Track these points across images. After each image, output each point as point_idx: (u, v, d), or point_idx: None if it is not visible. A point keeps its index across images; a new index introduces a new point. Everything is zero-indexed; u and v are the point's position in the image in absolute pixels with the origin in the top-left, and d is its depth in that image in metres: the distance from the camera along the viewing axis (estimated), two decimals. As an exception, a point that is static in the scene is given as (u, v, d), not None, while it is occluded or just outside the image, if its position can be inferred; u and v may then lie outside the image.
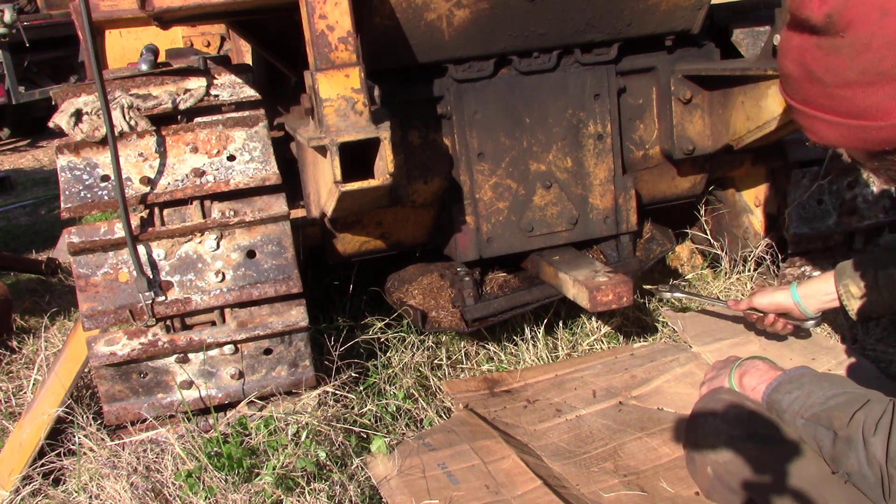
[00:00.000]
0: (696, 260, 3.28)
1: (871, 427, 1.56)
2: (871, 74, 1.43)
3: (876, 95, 1.44)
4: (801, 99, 1.56)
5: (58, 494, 2.15)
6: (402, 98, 2.42)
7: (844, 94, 1.47)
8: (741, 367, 2.00)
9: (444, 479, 2.08)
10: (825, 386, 1.73)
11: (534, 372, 2.64)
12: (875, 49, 1.40)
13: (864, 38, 1.41)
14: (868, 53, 1.41)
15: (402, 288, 2.69)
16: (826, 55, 1.46)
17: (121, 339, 2.14)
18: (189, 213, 2.18)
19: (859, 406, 1.61)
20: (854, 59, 1.43)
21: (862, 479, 1.58)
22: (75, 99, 2.15)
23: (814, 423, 1.68)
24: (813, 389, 1.74)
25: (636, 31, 2.50)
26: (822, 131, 1.55)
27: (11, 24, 7.61)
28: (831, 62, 1.46)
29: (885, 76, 1.42)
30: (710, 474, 1.86)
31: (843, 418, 1.61)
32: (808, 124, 1.58)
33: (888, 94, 1.43)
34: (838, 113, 1.50)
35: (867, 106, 1.46)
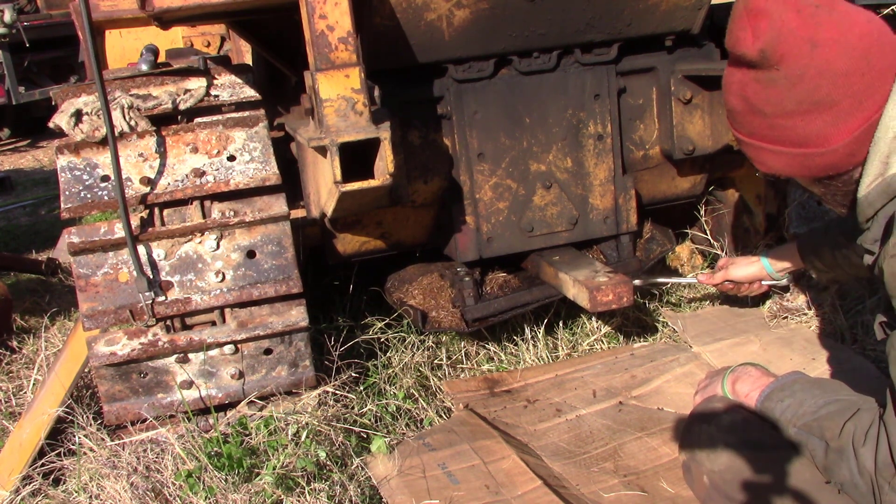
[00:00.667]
0: (696, 260, 3.28)
1: (861, 438, 1.56)
2: (807, 104, 1.51)
3: (814, 123, 1.52)
4: (747, 132, 1.63)
5: (58, 494, 2.15)
6: (402, 98, 2.42)
7: (785, 123, 1.54)
8: (733, 374, 1.99)
9: (444, 479, 2.08)
10: (817, 393, 1.72)
11: (534, 372, 2.64)
12: (809, 79, 1.49)
13: (797, 69, 1.49)
14: (803, 84, 1.50)
15: (402, 288, 2.69)
16: (764, 88, 1.54)
17: (121, 339, 2.14)
18: (189, 214, 2.18)
19: (849, 416, 1.60)
20: (790, 90, 1.51)
21: (854, 489, 1.58)
22: (75, 99, 2.16)
23: (806, 432, 1.68)
24: (805, 398, 1.73)
25: (636, 31, 2.50)
26: (769, 161, 1.63)
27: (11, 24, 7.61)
28: (770, 94, 1.54)
29: (821, 104, 1.50)
30: (707, 483, 1.86)
31: (833, 429, 1.61)
32: (755, 155, 1.65)
33: (826, 121, 1.51)
34: (781, 142, 1.57)
35: (807, 134, 1.53)
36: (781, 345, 2.62)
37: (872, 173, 1.51)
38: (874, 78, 1.48)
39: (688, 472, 1.97)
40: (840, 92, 1.48)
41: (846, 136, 1.51)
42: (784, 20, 1.49)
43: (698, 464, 1.89)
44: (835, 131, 1.51)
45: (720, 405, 1.95)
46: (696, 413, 2.02)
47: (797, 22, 1.49)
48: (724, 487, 1.82)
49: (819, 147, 1.53)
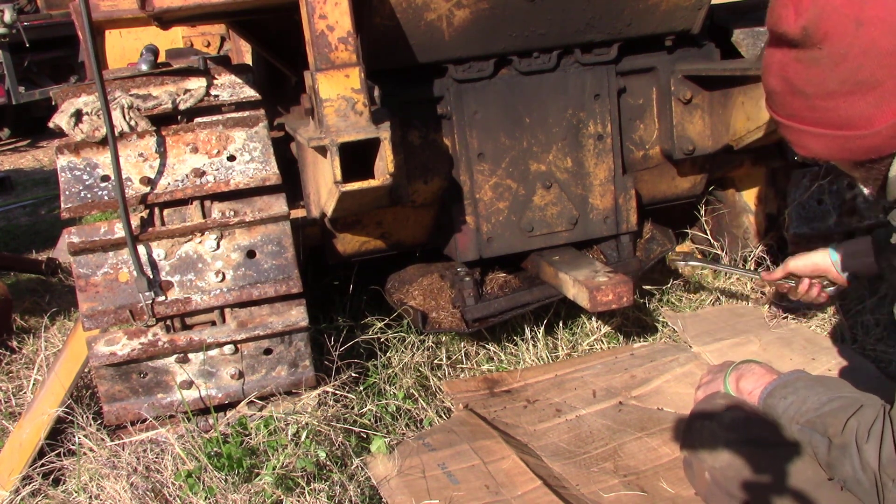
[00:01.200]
0: (696, 260, 3.28)
1: (864, 434, 1.55)
2: (850, 84, 1.45)
3: (857, 105, 1.47)
4: (787, 114, 1.58)
5: (58, 494, 2.15)
6: (402, 98, 2.42)
7: (826, 105, 1.49)
8: (737, 371, 1.99)
9: (444, 479, 2.08)
10: (820, 391, 1.72)
11: (534, 372, 2.64)
12: (852, 59, 1.44)
13: (841, 48, 1.44)
14: (846, 63, 1.44)
15: (402, 288, 2.69)
16: (806, 68, 1.49)
17: (121, 339, 2.14)
18: (189, 213, 2.18)
19: (852, 412, 1.60)
20: (833, 69, 1.46)
21: (857, 486, 1.58)
22: (75, 99, 2.16)
23: (809, 429, 1.67)
24: (808, 395, 1.73)
25: (636, 32, 2.50)
26: (809, 144, 1.58)
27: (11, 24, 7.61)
28: (811, 74, 1.49)
29: (865, 85, 1.45)
30: (709, 479, 1.86)
31: (836, 425, 1.61)
32: (795, 138, 1.60)
33: (869, 102, 1.46)
34: (822, 124, 1.52)
35: (850, 115, 1.48)
36: (781, 345, 2.62)
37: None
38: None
39: (689, 469, 1.97)
40: (885, 72, 1.43)
41: (890, 117, 1.45)
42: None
43: (700, 460, 1.89)
44: (878, 113, 1.46)
45: (722, 402, 1.95)
46: (697, 410, 2.01)
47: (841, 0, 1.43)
48: (725, 484, 1.82)
49: (862, 129, 1.48)
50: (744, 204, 3.08)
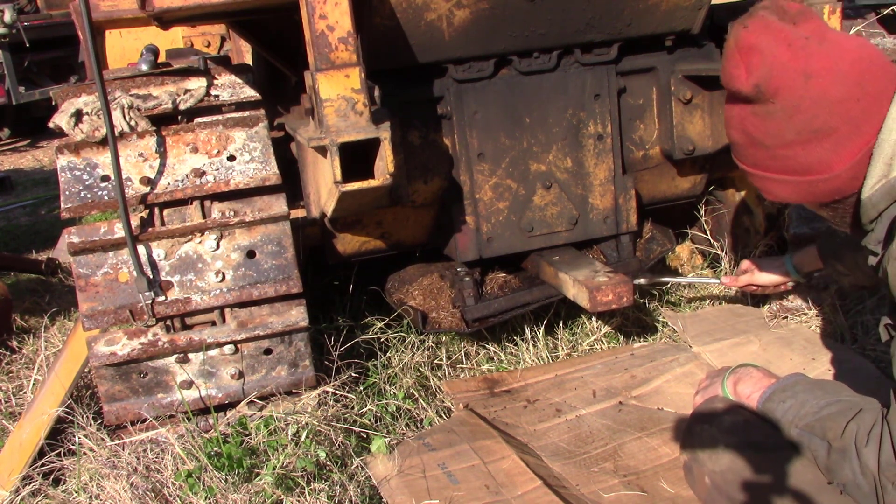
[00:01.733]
0: (696, 260, 3.29)
1: (864, 438, 1.56)
2: (806, 133, 1.54)
3: (815, 151, 1.55)
4: (751, 163, 1.67)
5: (58, 494, 2.15)
6: (402, 98, 2.42)
7: (786, 153, 1.58)
8: (734, 375, 1.99)
9: (444, 479, 2.08)
10: (818, 394, 1.72)
11: (534, 372, 2.64)
12: (805, 110, 1.53)
13: (793, 101, 1.53)
14: (800, 115, 1.53)
15: (402, 288, 2.69)
16: (762, 121, 1.58)
17: (121, 339, 2.14)
18: (189, 213, 2.18)
19: (852, 416, 1.60)
20: (788, 121, 1.55)
21: (857, 490, 1.58)
22: (75, 99, 2.16)
23: (808, 433, 1.68)
24: (806, 398, 1.73)
25: (636, 32, 2.50)
26: (775, 190, 1.67)
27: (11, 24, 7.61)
28: (768, 127, 1.58)
29: (820, 133, 1.53)
30: (709, 484, 1.86)
31: (836, 429, 1.61)
32: (761, 185, 1.69)
33: (826, 148, 1.54)
34: (785, 172, 1.61)
35: (809, 162, 1.57)
36: (781, 345, 2.62)
37: (876, 175, 1.52)
38: (870, 103, 1.52)
39: (689, 473, 1.97)
40: (837, 119, 1.52)
41: (847, 161, 1.54)
42: (775, 54, 1.54)
43: (700, 464, 1.89)
44: (836, 158, 1.54)
45: (721, 406, 1.95)
46: (697, 413, 2.01)
47: (788, 55, 1.53)
48: (725, 488, 1.82)
49: (822, 174, 1.57)
50: (744, 204, 3.08)
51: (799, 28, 1.55)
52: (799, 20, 1.56)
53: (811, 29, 1.55)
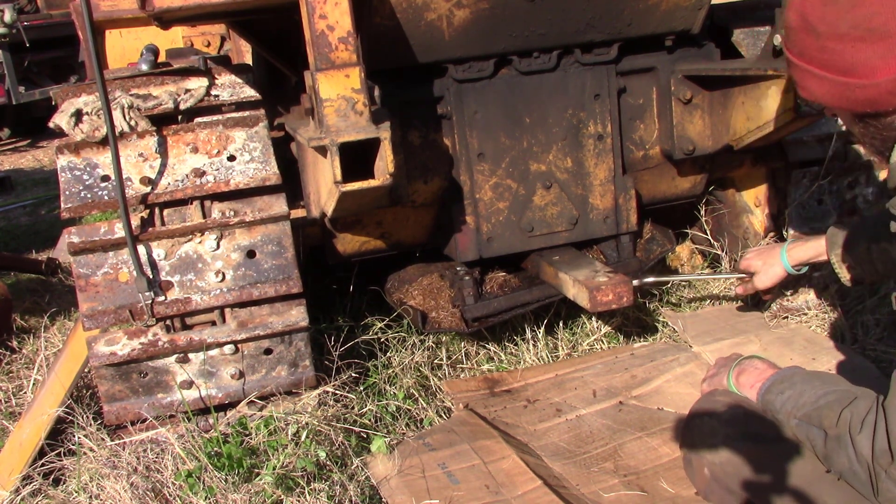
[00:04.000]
0: (696, 260, 3.28)
1: (858, 425, 1.56)
2: (861, 29, 1.45)
3: (864, 52, 1.47)
4: (797, 51, 1.59)
5: (58, 494, 2.15)
6: (402, 98, 2.41)
7: (835, 46, 1.50)
8: (740, 366, 2.00)
9: (444, 479, 2.08)
10: (816, 385, 1.74)
11: (534, 372, 2.64)
12: (869, 5, 1.44)
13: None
14: (862, 8, 1.45)
15: (402, 288, 2.69)
16: (823, 4, 1.49)
17: (121, 339, 2.14)
18: (189, 213, 2.18)
19: (847, 404, 1.61)
20: (848, 11, 1.46)
21: (853, 477, 1.59)
22: (75, 99, 2.16)
23: (806, 422, 1.68)
24: (804, 389, 1.74)
25: (636, 31, 2.50)
26: (812, 86, 1.58)
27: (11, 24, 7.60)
28: (827, 12, 1.49)
29: (875, 33, 1.45)
30: (708, 475, 1.86)
31: (832, 417, 1.62)
32: (801, 79, 1.61)
33: (876, 52, 1.46)
34: (828, 68, 1.53)
35: (855, 62, 1.48)
36: (781, 345, 2.62)
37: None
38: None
39: (689, 465, 1.97)
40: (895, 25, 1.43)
41: (893, 72, 1.46)
42: None
43: (699, 456, 1.89)
44: (883, 64, 1.46)
45: (721, 398, 1.95)
46: (696, 407, 2.02)
47: None
48: (725, 480, 1.82)
49: (864, 78, 1.49)
50: (744, 204, 3.08)
51: None
52: None
53: None
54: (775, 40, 2.31)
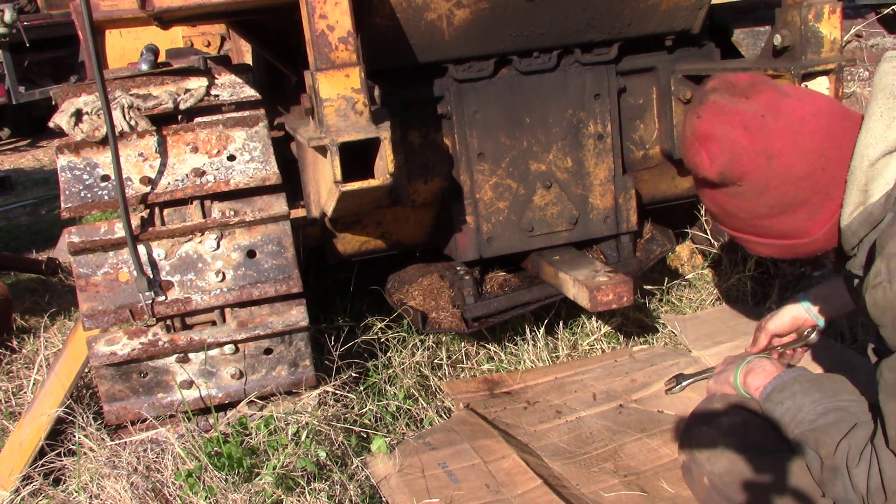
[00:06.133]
0: (696, 260, 3.28)
1: (855, 458, 1.56)
2: (779, 207, 1.57)
3: (791, 220, 1.59)
4: (731, 227, 1.70)
5: (58, 494, 2.15)
6: (402, 98, 2.41)
7: (762, 223, 1.62)
8: (748, 366, 1.97)
9: (444, 478, 2.08)
10: (816, 397, 1.71)
11: (534, 374, 2.64)
12: (774, 188, 1.56)
13: (760, 182, 1.56)
14: (769, 193, 1.56)
15: (402, 289, 2.69)
16: (733, 199, 1.61)
17: (121, 339, 2.14)
18: (189, 213, 2.18)
19: (845, 432, 1.60)
20: (759, 199, 1.58)
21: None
22: (75, 99, 2.15)
23: (804, 442, 1.68)
24: (803, 402, 1.72)
25: (636, 31, 2.50)
26: (760, 249, 1.70)
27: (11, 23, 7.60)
28: (740, 203, 1.61)
29: (793, 205, 1.56)
30: (707, 485, 1.86)
31: (829, 445, 1.61)
32: (746, 246, 1.73)
33: (801, 217, 1.58)
34: (765, 236, 1.64)
35: (787, 229, 1.60)
36: (781, 345, 2.61)
37: (853, 202, 1.53)
38: (836, 169, 1.53)
39: (688, 474, 1.97)
40: (806, 191, 1.54)
41: (824, 225, 1.57)
42: (734, 140, 1.55)
43: (698, 465, 1.89)
44: (812, 224, 1.58)
45: (720, 406, 1.94)
46: (695, 414, 2.01)
47: (747, 139, 1.54)
48: (724, 490, 1.82)
49: (801, 238, 1.60)
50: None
51: (752, 102, 1.56)
52: (751, 93, 1.58)
53: (765, 102, 1.56)
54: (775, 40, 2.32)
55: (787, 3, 2.31)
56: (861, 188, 1.51)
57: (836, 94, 2.29)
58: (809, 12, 2.25)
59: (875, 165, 1.49)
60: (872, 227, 1.51)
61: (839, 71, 2.27)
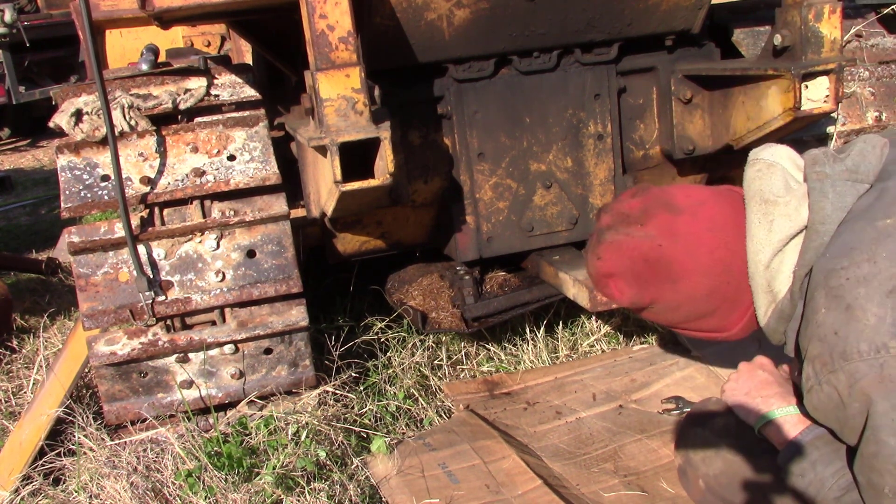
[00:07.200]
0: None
1: None
2: (693, 316, 1.65)
3: (707, 323, 1.66)
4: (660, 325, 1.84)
5: (58, 494, 2.15)
6: (402, 98, 2.41)
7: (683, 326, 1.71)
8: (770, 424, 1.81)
9: (444, 479, 2.08)
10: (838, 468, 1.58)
11: (533, 375, 2.64)
12: (685, 305, 1.63)
13: (670, 302, 1.64)
14: (681, 309, 1.64)
15: (402, 289, 2.69)
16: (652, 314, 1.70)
17: (121, 339, 2.14)
18: (189, 213, 2.18)
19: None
20: (673, 313, 1.66)
21: None
22: (75, 99, 2.15)
23: None
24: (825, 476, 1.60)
25: (636, 31, 2.50)
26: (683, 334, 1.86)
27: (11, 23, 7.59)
28: (658, 317, 1.70)
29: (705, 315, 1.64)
30: (703, 487, 1.86)
31: None
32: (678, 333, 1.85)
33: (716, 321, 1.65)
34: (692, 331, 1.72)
35: (706, 328, 1.68)
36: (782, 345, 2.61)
37: (763, 304, 1.59)
38: (739, 278, 1.59)
39: (683, 476, 1.97)
40: (714, 304, 1.62)
41: (738, 322, 1.65)
42: (636, 273, 1.63)
43: (694, 468, 1.89)
44: (727, 323, 1.65)
45: (715, 407, 1.94)
46: (690, 415, 2.01)
47: (649, 271, 1.61)
48: (720, 491, 1.81)
49: (721, 333, 1.68)
50: (744, 204, 3.07)
51: (648, 229, 1.62)
52: (644, 219, 1.63)
53: (659, 226, 1.61)
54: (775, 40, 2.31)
55: (787, 3, 2.30)
56: (766, 290, 1.57)
57: (836, 94, 2.29)
58: (809, 12, 2.25)
59: (770, 267, 1.55)
60: (788, 320, 1.57)
61: (839, 71, 2.27)
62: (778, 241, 1.54)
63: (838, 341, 1.39)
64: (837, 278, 1.42)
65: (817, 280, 1.46)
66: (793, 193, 1.55)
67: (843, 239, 1.46)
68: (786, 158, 1.62)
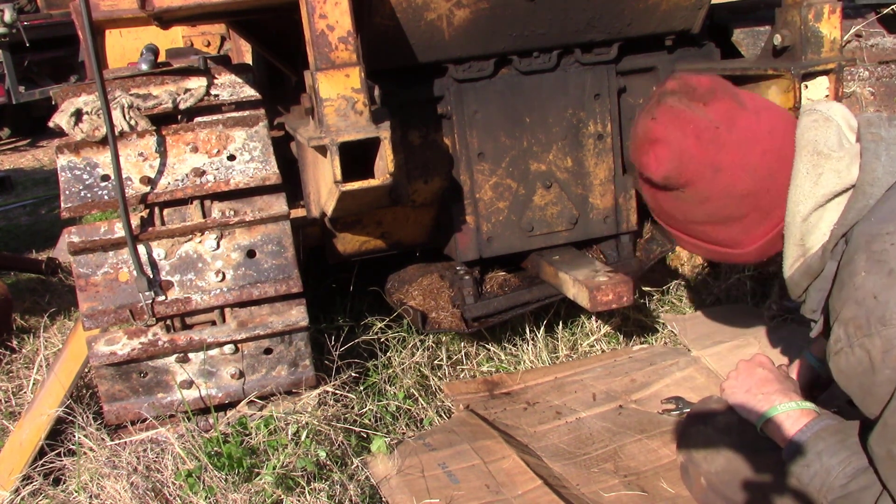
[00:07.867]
0: (696, 260, 3.28)
1: None
2: (717, 218, 1.58)
3: (726, 231, 1.60)
4: (664, 222, 1.71)
5: (58, 494, 2.15)
6: (402, 98, 2.41)
7: (698, 228, 1.63)
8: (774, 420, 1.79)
9: (444, 479, 2.08)
10: (843, 457, 1.58)
11: (533, 375, 2.64)
12: (715, 199, 1.56)
13: (703, 192, 1.56)
14: (709, 203, 1.57)
15: (402, 289, 2.69)
16: (673, 201, 1.62)
17: (121, 339, 2.14)
18: (189, 213, 2.18)
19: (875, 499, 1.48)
20: (698, 206, 1.58)
21: None
22: (75, 98, 2.15)
23: None
24: (831, 465, 1.59)
25: (636, 31, 2.50)
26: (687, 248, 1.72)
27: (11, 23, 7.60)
28: (679, 206, 1.62)
29: (731, 219, 1.57)
30: (704, 485, 1.86)
31: None
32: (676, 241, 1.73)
33: (737, 230, 1.59)
34: (698, 238, 1.65)
35: (721, 238, 1.62)
36: (782, 345, 2.61)
37: (792, 255, 1.55)
38: (779, 191, 1.53)
39: (685, 474, 1.97)
40: (746, 208, 1.55)
41: (757, 241, 1.59)
42: (684, 147, 1.55)
43: (695, 465, 1.89)
44: (746, 238, 1.59)
45: (716, 405, 1.94)
46: (692, 413, 2.01)
47: (697, 148, 1.54)
48: (722, 489, 1.81)
49: (733, 249, 1.62)
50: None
51: (709, 111, 1.55)
52: (709, 100, 1.56)
53: (722, 112, 1.55)
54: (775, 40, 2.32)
55: (787, 3, 2.31)
56: (798, 242, 1.53)
57: (836, 94, 2.30)
58: (809, 12, 2.25)
59: (808, 220, 1.51)
60: (813, 277, 1.53)
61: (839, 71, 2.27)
62: (822, 196, 1.49)
63: (877, 305, 1.36)
64: (881, 243, 1.39)
65: (858, 243, 1.43)
66: (846, 150, 1.51)
67: (890, 204, 1.43)
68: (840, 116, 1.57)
